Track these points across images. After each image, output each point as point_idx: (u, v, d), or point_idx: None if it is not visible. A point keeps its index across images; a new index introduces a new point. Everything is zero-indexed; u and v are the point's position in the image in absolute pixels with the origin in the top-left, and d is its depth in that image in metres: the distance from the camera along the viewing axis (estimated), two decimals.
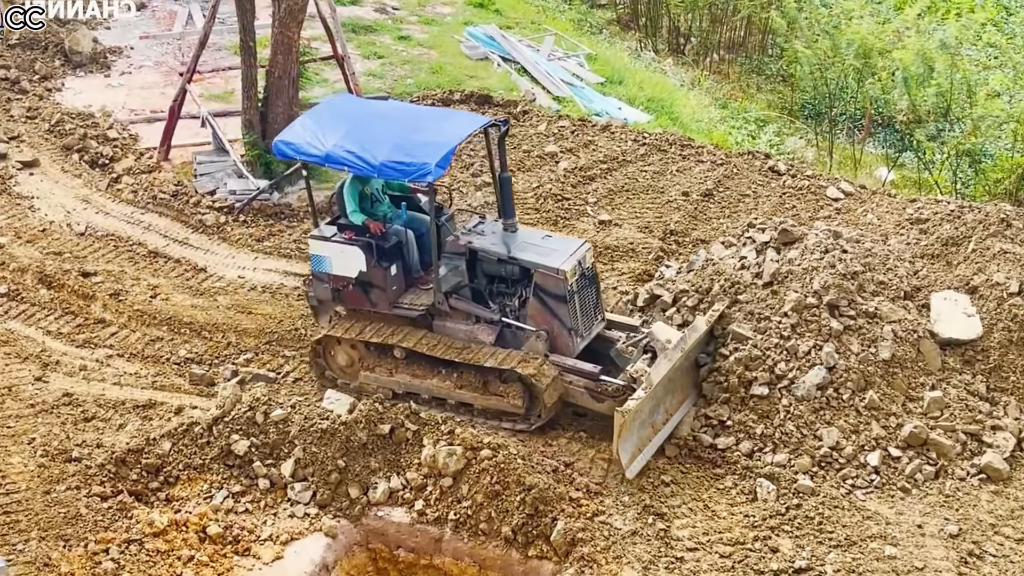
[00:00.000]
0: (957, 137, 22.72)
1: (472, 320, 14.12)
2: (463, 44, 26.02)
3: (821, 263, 14.53)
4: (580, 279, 13.87)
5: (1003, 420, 13.65)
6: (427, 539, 12.70)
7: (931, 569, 11.96)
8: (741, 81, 30.10)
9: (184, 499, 12.57)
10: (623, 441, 12.87)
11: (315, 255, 14.60)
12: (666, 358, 13.33)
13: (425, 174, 13.24)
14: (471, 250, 14.13)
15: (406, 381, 14.32)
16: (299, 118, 15.09)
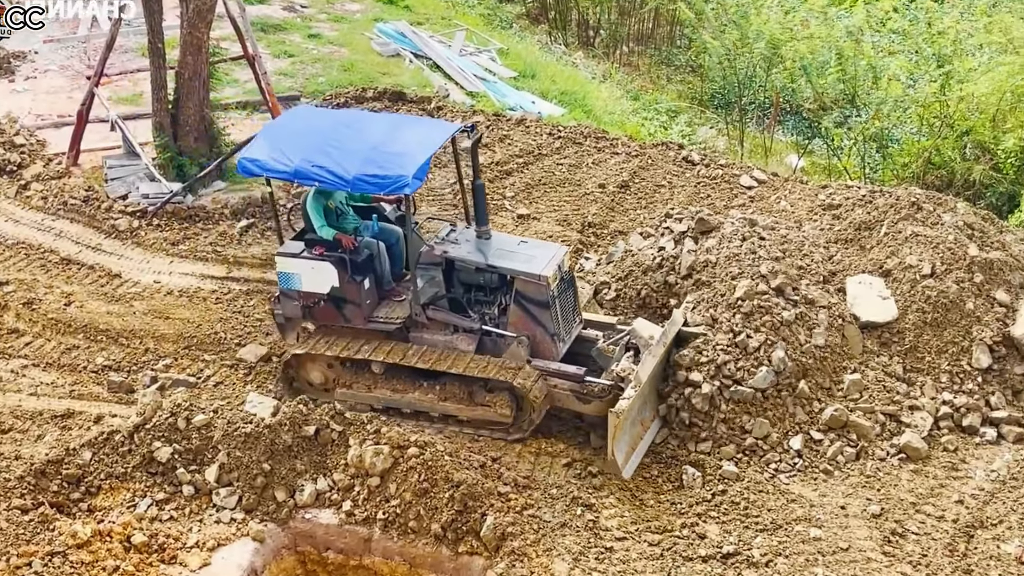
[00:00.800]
0: (863, 123, 23.11)
1: (450, 330, 13.91)
2: (374, 41, 25.89)
3: (741, 251, 14.71)
4: (560, 283, 13.71)
5: (920, 400, 13.93)
6: (356, 539, 12.63)
7: (855, 549, 12.17)
8: (651, 73, 30.35)
9: (107, 509, 12.34)
10: (617, 442, 12.78)
11: (283, 272, 14.22)
12: (651, 354, 13.27)
13: (402, 187, 12.95)
14: (448, 260, 13.83)
15: (386, 396, 14.06)
16: (260, 132, 14.62)
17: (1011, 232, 17.11)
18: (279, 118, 15.11)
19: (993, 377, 14.25)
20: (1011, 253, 15.39)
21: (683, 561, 12.05)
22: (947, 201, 16.12)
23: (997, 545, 12.20)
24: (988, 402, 14.01)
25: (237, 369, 14.87)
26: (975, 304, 14.55)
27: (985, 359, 14.23)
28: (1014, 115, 21.87)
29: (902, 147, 23.38)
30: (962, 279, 14.70)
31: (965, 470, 13.28)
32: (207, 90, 18.83)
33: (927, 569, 11.90)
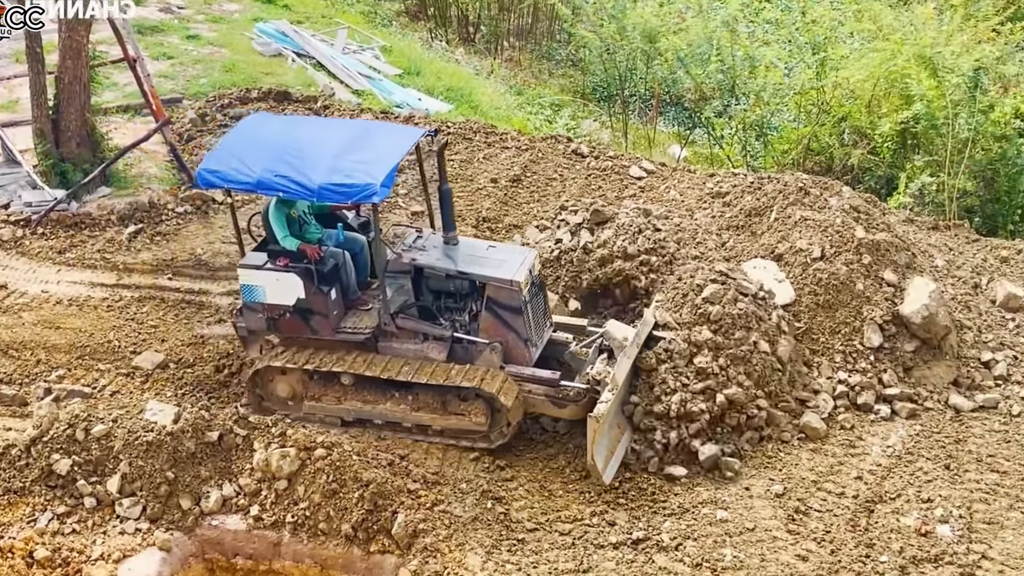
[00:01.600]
0: (743, 111, 23.54)
1: (420, 338, 13.66)
2: (255, 41, 25.59)
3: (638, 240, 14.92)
4: (531, 288, 13.53)
5: (818, 381, 14.26)
6: (265, 544, 12.52)
7: (761, 528, 12.42)
8: (533, 67, 30.53)
9: (6, 524, 12.03)
10: (596, 447, 12.66)
11: (245, 285, 13.86)
12: (626, 356, 13.14)
13: (370, 195, 12.62)
14: (416, 267, 13.62)
15: (356, 408, 13.77)
16: (220, 142, 14.23)
17: (893, 214, 17.64)
18: (237, 127, 14.57)
19: (884, 355, 14.65)
20: (896, 234, 15.85)
21: (595, 549, 12.18)
22: (833, 185, 16.52)
23: (896, 518, 12.56)
24: (881, 380, 14.41)
25: (133, 377, 14.60)
26: (864, 285, 14.94)
27: (876, 338, 14.63)
28: (888, 100, 22.48)
29: (781, 134, 23.86)
30: (851, 261, 15.09)
31: (862, 447, 13.65)
32: (88, 94, 18.44)
33: (831, 545, 12.20)
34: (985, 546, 12.19)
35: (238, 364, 14.74)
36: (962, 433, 13.91)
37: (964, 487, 13.03)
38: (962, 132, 20.09)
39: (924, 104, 20.34)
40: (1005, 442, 13.77)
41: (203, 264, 16.68)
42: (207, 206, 18.13)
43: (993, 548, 12.17)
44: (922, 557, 12.07)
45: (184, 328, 15.52)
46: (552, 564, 11.94)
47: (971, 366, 14.84)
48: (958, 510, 12.67)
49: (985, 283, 16.33)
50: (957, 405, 14.33)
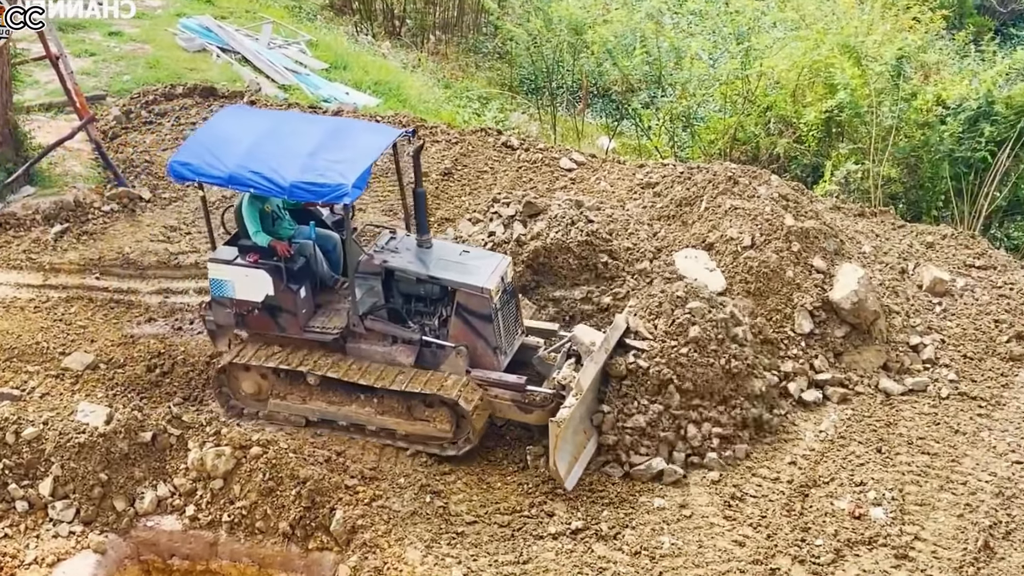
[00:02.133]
0: (670, 102, 23.70)
1: (389, 341, 13.49)
2: (178, 37, 25.25)
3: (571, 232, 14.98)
4: (503, 295, 13.37)
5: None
6: (202, 544, 12.44)
7: (698, 515, 12.55)
8: (460, 61, 30.46)
9: None
10: (559, 452, 12.56)
11: (215, 279, 13.71)
12: (592, 361, 13.01)
13: (342, 196, 12.48)
14: (387, 269, 13.46)
15: (321, 408, 13.63)
16: (193, 135, 14.00)
17: (820, 201, 17.86)
18: (213, 119, 14.30)
19: (815, 341, 14.84)
20: (824, 221, 16.06)
21: (534, 540, 12.23)
22: (761, 174, 16.68)
23: (831, 502, 12.74)
24: (812, 365, 14.58)
25: (63, 379, 14.37)
26: (794, 272, 15.12)
27: (807, 324, 14.81)
28: (812, 90, 22.76)
29: (708, 125, 24.06)
30: (781, 248, 15.26)
31: (796, 432, 13.81)
32: (10, 93, 18.12)
33: (767, 530, 12.35)
34: (918, 527, 12.42)
35: (170, 363, 14.59)
36: (893, 416, 14.14)
37: (896, 470, 13.25)
38: (885, 120, 20.41)
39: (848, 93, 20.61)
40: (935, 424, 14.01)
41: (131, 263, 16.46)
42: (134, 204, 17.89)
43: (925, 529, 12.40)
44: (856, 540, 12.27)
45: (113, 328, 15.31)
46: (492, 556, 11.98)
47: (900, 350, 15.08)
48: (890, 492, 12.88)
49: (912, 268, 16.60)
50: (887, 389, 14.55)
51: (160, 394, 14.23)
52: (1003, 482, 13.05)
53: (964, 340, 15.36)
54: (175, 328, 15.32)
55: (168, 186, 18.24)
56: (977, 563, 11.96)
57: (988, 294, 16.19)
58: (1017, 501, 12.81)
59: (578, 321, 14.69)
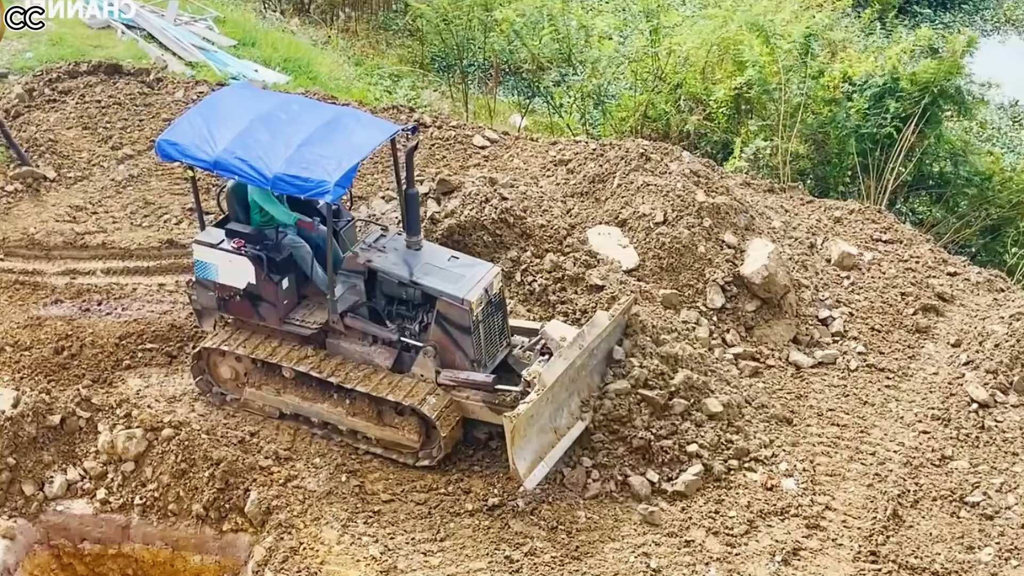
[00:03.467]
0: (580, 80, 23.77)
1: (369, 341, 13.23)
2: (81, 12, 24.73)
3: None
4: (487, 307, 12.93)
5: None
6: (113, 527, 12.34)
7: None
8: (370, 38, 30.20)
9: None
10: (519, 449, 12.20)
11: (199, 261, 13.42)
12: (561, 357, 12.64)
13: (323, 193, 12.13)
14: (370, 269, 13.13)
15: (294, 403, 13.35)
16: (187, 113, 13.53)
17: (731, 177, 18.04)
18: (211, 97, 13.95)
19: (727, 315, 15.00)
20: (735, 197, 16.22)
21: (451, 517, 12.27)
22: (673, 151, 16.81)
23: (743, 474, 12.91)
24: (724, 340, 14.74)
25: None
26: (706, 247, 15.27)
27: (719, 299, 14.98)
28: (721, 67, 23.00)
29: (619, 103, 24.17)
30: (692, 224, 15.40)
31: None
32: None
33: (682, 503, 12.51)
34: (828, 497, 12.65)
35: (78, 345, 14.33)
36: (803, 389, 14.37)
37: (807, 441, 13.47)
38: (794, 97, 20.69)
39: (756, 71, 20.83)
40: (844, 396, 14.26)
41: (36, 244, 16.12)
42: (38, 184, 17.50)
43: (836, 499, 12.64)
44: (769, 511, 12.47)
45: (19, 310, 14.99)
46: (409, 534, 12.00)
47: (810, 324, 15.32)
48: (801, 464, 13.10)
49: (820, 243, 16.84)
50: (797, 362, 14.78)
51: (68, 376, 13.96)
52: (911, 452, 13.33)
53: (872, 313, 15.63)
54: (82, 309, 15.04)
55: (73, 165, 17.90)
56: (886, 531, 12.22)
57: (895, 267, 16.48)
58: (924, 470, 13.10)
59: None
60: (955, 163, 20.72)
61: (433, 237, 15.08)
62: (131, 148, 18.55)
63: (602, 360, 13.19)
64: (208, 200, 15.02)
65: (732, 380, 14.08)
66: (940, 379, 14.53)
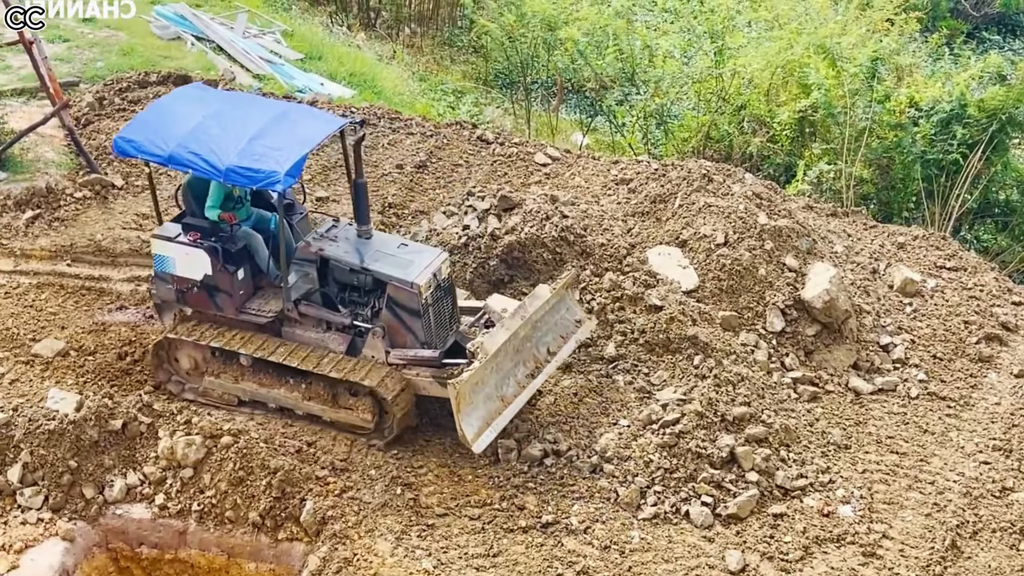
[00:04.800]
0: (644, 100, 23.77)
1: (323, 327, 13.60)
2: (152, 24, 25.09)
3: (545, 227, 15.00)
4: (436, 291, 13.35)
5: None
6: (171, 533, 12.45)
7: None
8: (435, 54, 30.42)
9: None
10: (465, 416, 12.55)
11: (158, 255, 13.88)
12: (503, 327, 13.05)
13: (274, 183, 12.58)
14: (322, 257, 13.53)
15: (252, 389, 13.73)
16: (142, 112, 14.11)
17: (794, 200, 17.95)
18: (166, 97, 14.50)
19: (787, 339, 14.91)
20: (797, 220, 16.14)
21: (504, 533, 12.26)
22: (735, 172, 16.76)
23: (800, 499, 12.82)
24: (783, 363, 14.65)
25: (33, 365, 14.25)
26: (767, 270, 15.20)
27: (778, 322, 14.88)
28: (786, 89, 22.88)
29: (681, 123, 24.13)
30: (754, 247, 15.33)
31: None
32: None
33: (736, 526, 12.43)
34: (886, 525, 12.52)
35: (140, 351, 14.52)
36: (862, 415, 14.25)
37: (865, 468, 13.34)
38: (859, 121, 20.55)
39: (822, 93, 20.72)
40: (903, 424, 14.12)
41: (103, 250, 16.36)
42: (106, 191, 17.77)
43: (893, 528, 12.50)
44: (824, 537, 12.36)
45: (84, 315, 15.21)
46: (462, 549, 12.00)
47: (870, 349, 15.18)
48: (859, 491, 12.98)
49: (883, 268, 16.71)
50: (857, 388, 14.65)
51: (131, 382, 14.15)
52: (971, 482, 13.17)
53: (934, 341, 15.47)
54: (146, 316, 15.23)
55: (140, 173, 18.14)
56: (944, 562, 12.07)
57: (958, 295, 16.31)
58: (984, 501, 12.93)
59: None
60: (1022, 191, 20.51)
61: (493, 253, 15.14)
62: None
63: (552, 335, 13.66)
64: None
65: (790, 404, 13.99)
66: (1002, 409, 14.35)
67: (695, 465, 12.79)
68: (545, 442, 13.27)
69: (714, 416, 13.16)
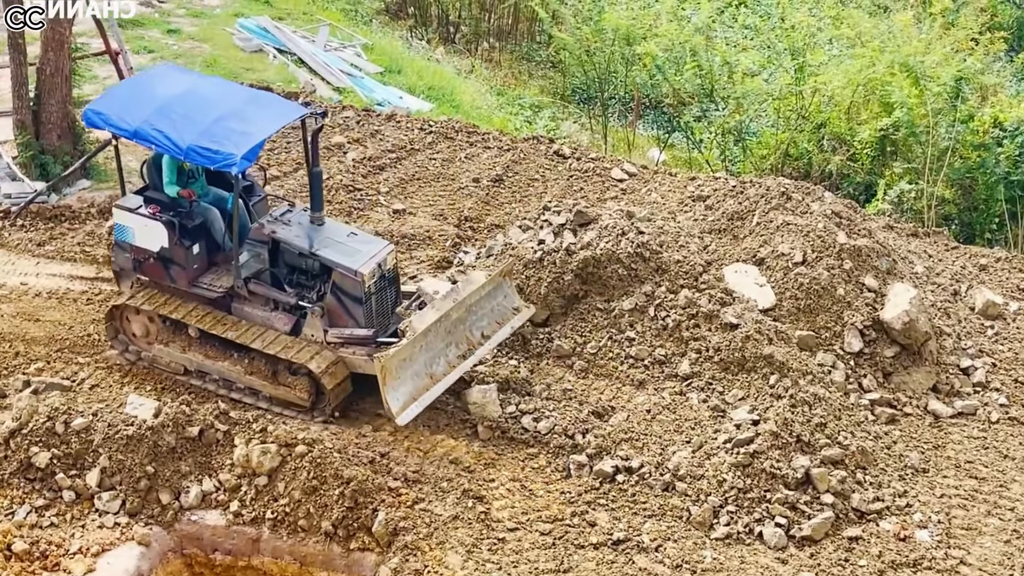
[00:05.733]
0: (723, 116, 23.65)
1: (271, 307, 14.12)
2: (235, 36, 25.47)
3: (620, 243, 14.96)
4: (379, 280, 13.90)
5: None
6: (244, 540, 12.51)
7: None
8: (513, 68, 30.52)
9: None
10: (391, 389, 13.04)
11: (118, 224, 14.47)
12: (433, 308, 13.57)
13: (230, 165, 13.09)
14: (274, 240, 14.06)
15: (198, 360, 14.30)
16: (115, 86, 14.94)
17: (873, 220, 17.74)
18: (141, 73, 15.53)
19: (865, 360, 14.72)
20: (877, 240, 15.94)
21: (575, 549, 12.20)
22: (815, 190, 16.60)
23: (876, 523, 12.64)
24: (861, 385, 14.47)
25: (113, 371, 14.51)
26: (845, 290, 15.02)
27: (857, 343, 14.70)
28: (868, 107, 22.65)
29: (760, 140, 23.98)
30: (832, 266, 15.16)
31: None
32: (70, 87, 18.32)
33: (811, 548, 12.29)
34: (963, 552, 12.30)
35: None
36: (941, 439, 14.03)
37: (943, 493, 13.13)
38: (941, 141, 20.28)
39: (904, 112, 20.48)
40: (983, 448, 13.88)
41: None
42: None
43: (971, 554, 12.28)
44: (901, 562, 12.17)
45: None
46: (532, 564, 11.96)
47: (950, 372, 14.95)
48: (936, 515, 12.77)
49: (964, 290, 16.46)
50: (936, 411, 14.44)
51: (208, 390, 14.32)
52: None
53: (1016, 364, 15.21)
54: None
55: None
56: None
57: None
58: None
59: None
60: None
61: (568, 268, 15.11)
62: (277, 169, 19.00)
63: (486, 320, 14.20)
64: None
65: (867, 426, 13.81)
66: None
67: (769, 485, 12.67)
68: (617, 458, 13.21)
69: (789, 436, 13.01)
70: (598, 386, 14.46)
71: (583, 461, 13.18)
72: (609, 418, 13.85)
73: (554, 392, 14.24)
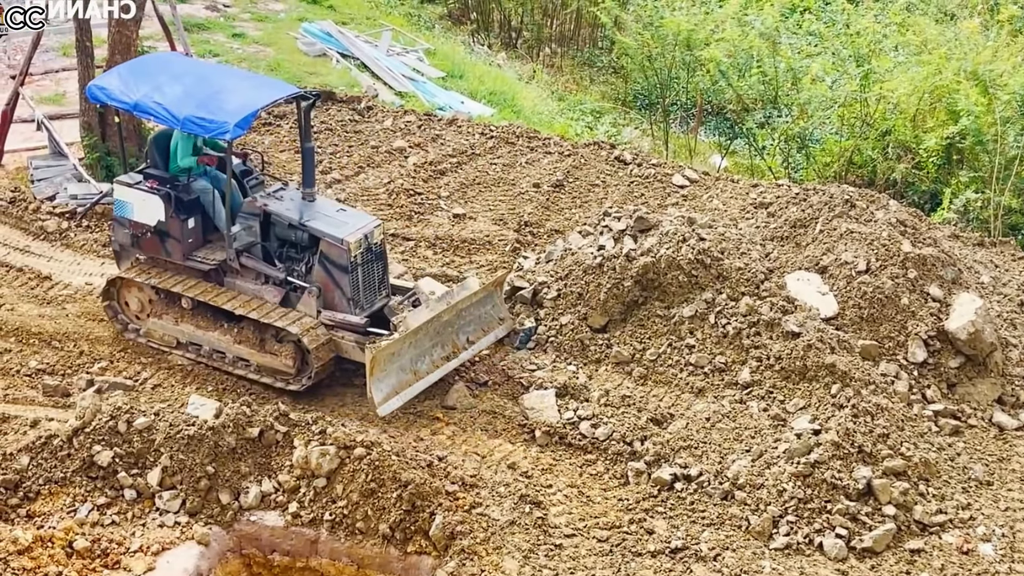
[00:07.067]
0: (785, 123, 23.47)
1: (261, 280, 14.62)
2: (299, 41, 25.71)
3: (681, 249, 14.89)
4: (366, 252, 14.35)
5: None
6: (302, 541, 12.54)
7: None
8: (574, 74, 30.52)
9: (47, 514, 12.07)
10: (376, 380, 13.56)
11: (118, 200, 15.01)
12: (427, 307, 14.14)
13: (223, 132, 13.64)
14: (265, 212, 14.57)
15: (190, 331, 14.82)
16: (120, 66, 15.52)
17: (939, 229, 17.52)
18: (144, 57, 16.35)
19: (928, 371, 14.54)
20: (942, 249, 15.74)
21: (632, 556, 12.13)
22: (880, 198, 16.42)
23: (938, 535, 12.46)
24: (924, 395, 14.29)
25: (175, 371, 14.66)
26: (910, 299, 14.84)
27: (920, 353, 14.52)
28: (934, 115, 22.37)
29: (823, 147, 23.78)
30: (896, 275, 14.99)
31: None
32: None
33: (872, 560, 12.14)
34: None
35: None
36: (1006, 451, 13.82)
37: (1008, 506, 12.93)
38: (1010, 150, 19.98)
39: (972, 120, 20.21)
40: None
41: None
42: None
43: None
44: (964, 575, 11.98)
45: None
46: (590, 570, 11.91)
47: (1016, 384, 14.71)
48: (1001, 529, 12.57)
49: None
50: (1001, 423, 14.22)
51: (269, 391, 14.42)
52: None
53: None
54: None
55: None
56: None
57: None
58: None
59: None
60: None
61: (628, 274, 15.05)
62: (339, 173, 19.12)
63: (475, 325, 14.80)
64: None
65: (931, 438, 13.63)
66: None
67: (830, 496, 12.53)
68: (676, 466, 13.14)
69: (851, 447, 12.87)
70: (657, 393, 14.39)
71: (641, 468, 13.13)
72: (668, 425, 13.78)
73: (612, 399, 14.18)
